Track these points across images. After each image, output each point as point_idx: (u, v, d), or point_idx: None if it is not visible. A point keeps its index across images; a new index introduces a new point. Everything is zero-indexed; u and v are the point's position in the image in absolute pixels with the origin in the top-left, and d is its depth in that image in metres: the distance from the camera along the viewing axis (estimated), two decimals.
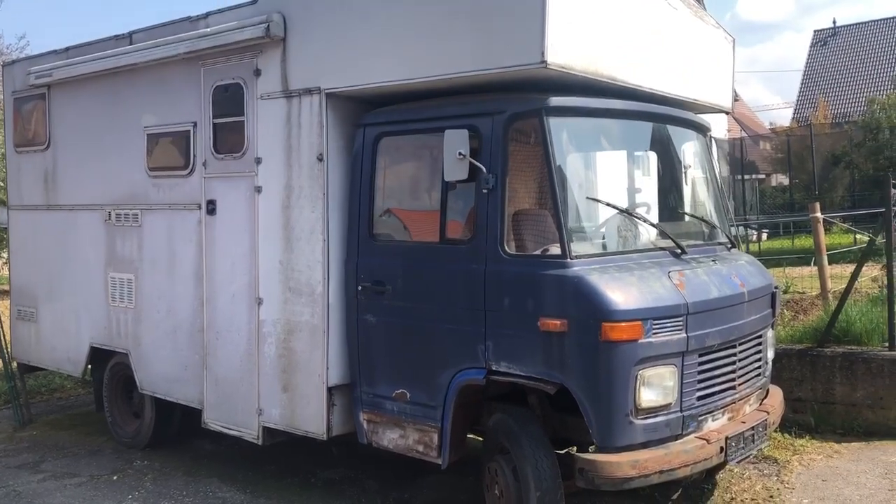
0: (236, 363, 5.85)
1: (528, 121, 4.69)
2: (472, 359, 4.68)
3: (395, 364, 5.12)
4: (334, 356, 5.31)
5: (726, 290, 4.81)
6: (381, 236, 5.26)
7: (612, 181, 5.27)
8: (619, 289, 4.32)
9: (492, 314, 4.60)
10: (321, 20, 5.36)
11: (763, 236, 21.79)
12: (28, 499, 5.92)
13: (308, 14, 5.42)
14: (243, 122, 5.76)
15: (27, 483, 6.25)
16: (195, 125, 6.11)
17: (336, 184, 5.33)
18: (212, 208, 6.00)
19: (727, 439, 4.58)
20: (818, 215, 9.19)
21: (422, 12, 4.93)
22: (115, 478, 6.30)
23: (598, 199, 4.85)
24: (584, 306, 4.28)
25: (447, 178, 4.63)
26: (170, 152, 6.39)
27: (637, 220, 5.02)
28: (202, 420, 6.13)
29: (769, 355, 5.43)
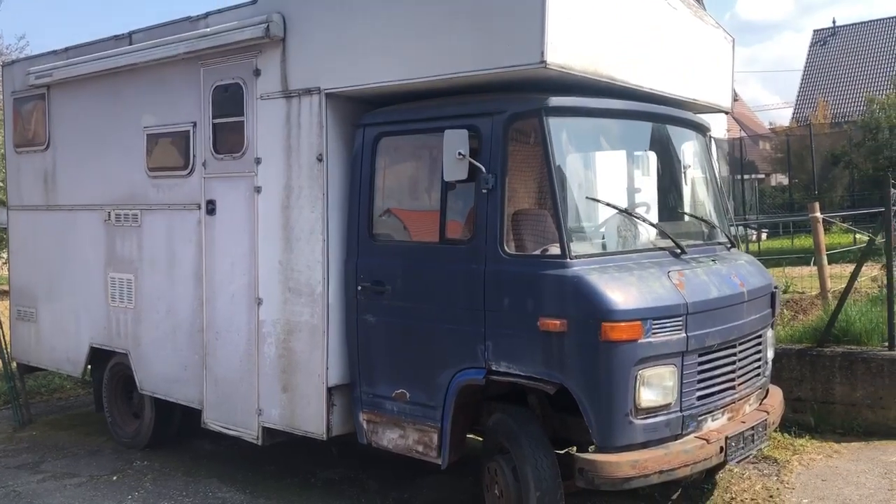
0: (236, 363, 5.85)
1: (527, 121, 4.69)
2: (471, 359, 4.68)
3: (395, 364, 5.12)
4: (334, 356, 5.31)
5: (726, 289, 4.81)
6: (380, 236, 5.26)
7: (611, 181, 5.26)
8: (618, 289, 4.32)
9: (491, 314, 4.59)
10: (321, 20, 5.36)
11: (763, 236, 21.77)
12: (28, 499, 5.92)
13: (308, 14, 5.42)
14: (243, 122, 5.76)
15: (27, 483, 6.25)
16: (195, 125, 6.11)
17: (336, 184, 5.33)
18: (211, 208, 6.00)
19: (727, 439, 4.58)
20: (818, 215, 9.18)
21: (421, 12, 4.93)
22: (114, 478, 6.30)
23: (597, 199, 4.85)
24: (583, 306, 4.28)
25: (447, 178, 4.63)
26: (169, 152, 6.39)
27: (637, 220, 5.02)
28: (202, 420, 6.13)
29: (769, 355, 5.43)
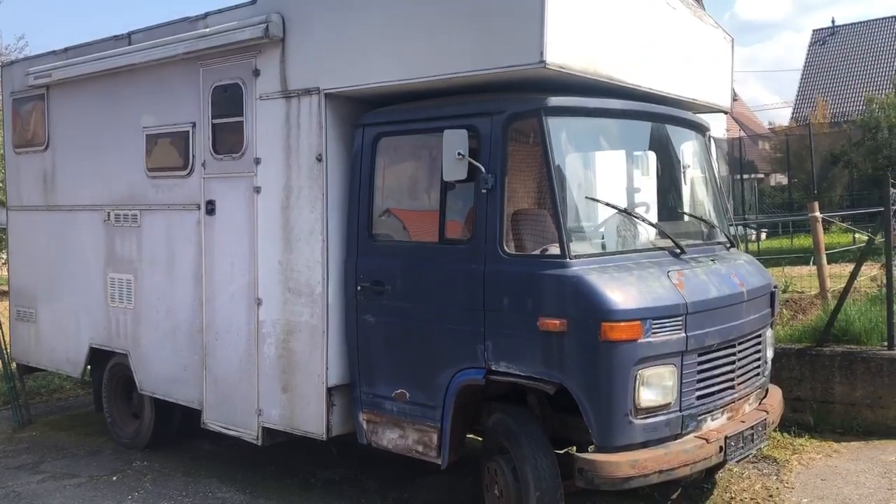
0: (236, 363, 5.85)
1: (527, 121, 4.69)
2: (471, 359, 4.68)
3: (395, 364, 5.12)
4: (334, 356, 5.31)
5: (725, 289, 4.81)
6: (380, 236, 5.26)
7: (611, 181, 5.26)
8: (618, 288, 4.32)
9: (491, 314, 4.59)
10: (320, 20, 5.36)
11: (762, 236, 21.79)
12: (27, 499, 5.92)
13: (307, 14, 5.42)
14: (242, 122, 5.75)
15: (26, 484, 6.24)
16: (194, 125, 6.11)
17: (335, 184, 5.32)
18: (211, 209, 6.00)
19: (726, 439, 4.58)
20: (817, 215, 9.17)
21: (421, 12, 4.93)
22: (114, 478, 6.30)
23: (597, 199, 4.85)
24: (583, 306, 4.28)
25: (446, 178, 4.63)
26: (169, 153, 6.39)
27: (636, 220, 5.02)
28: (202, 420, 6.13)
29: (768, 355, 5.43)
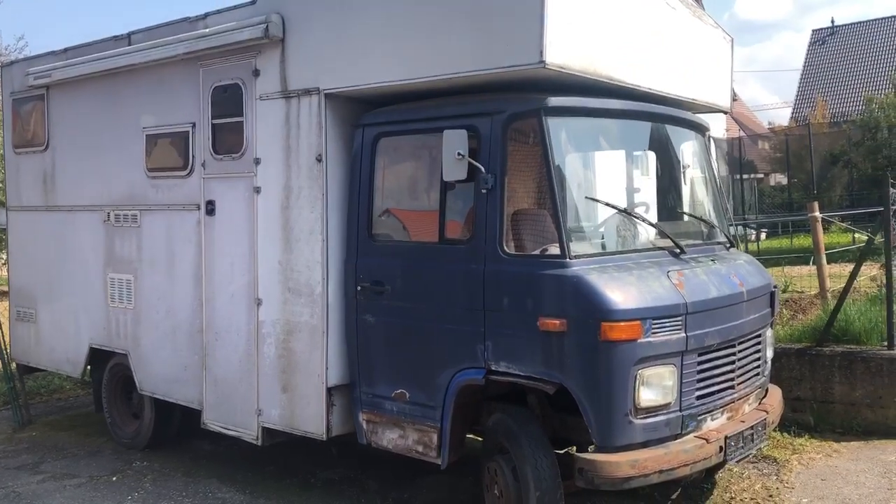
0: (235, 364, 5.85)
1: (526, 121, 4.69)
2: (471, 359, 4.68)
3: (395, 364, 5.12)
4: (334, 356, 5.31)
5: (725, 289, 4.81)
6: (380, 236, 5.26)
7: (610, 181, 5.26)
8: (618, 288, 4.32)
9: (491, 314, 4.59)
10: (320, 20, 5.36)
11: (762, 236, 21.78)
12: (27, 500, 5.92)
13: (307, 14, 5.42)
14: (242, 122, 5.75)
15: (26, 484, 6.24)
16: (194, 126, 6.11)
17: (335, 184, 5.32)
18: (211, 209, 6.00)
19: (726, 439, 4.58)
20: (817, 214, 9.17)
21: (420, 12, 4.93)
22: (114, 479, 6.30)
23: (597, 199, 4.85)
24: (583, 306, 4.29)
25: (446, 178, 4.63)
26: (169, 153, 6.39)
27: (636, 220, 5.02)
28: (201, 421, 6.13)
29: (768, 354, 5.43)
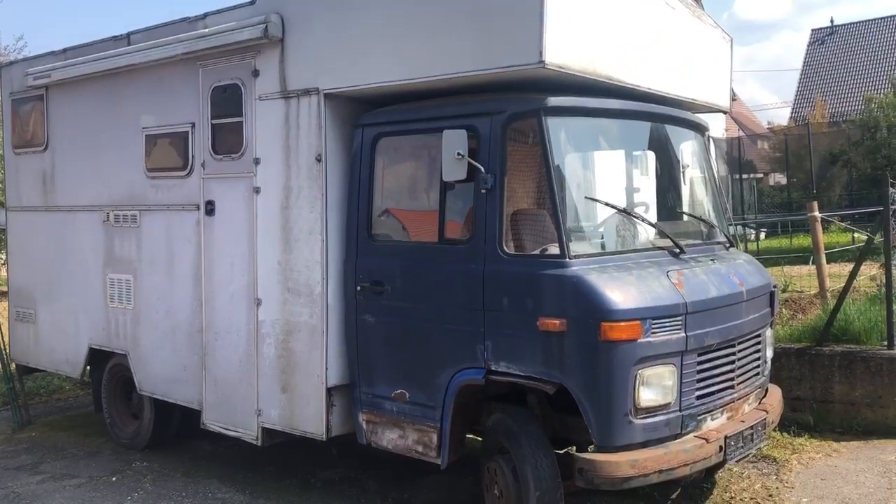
0: (235, 364, 5.85)
1: (526, 121, 4.69)
2: (471, 359, 4.68)
3: (394, 364, 5.12)
4: (333, 356, 5.31)
5: (725, 289, 4.81)
6: (379, 236, 5.26)
7: (610, 181, 5.26)
8: (617, 288, 4.32)
9: (491, 314, 4.59)
10: (319, 20, 5.35)
11: (761, 235, 21.79)
12: (27, 500, 5.92)
13: (306, 14, 5.42)
14: (242, 122, 5.75)
15: (26, 484, 6.24)
16: (193, 126, 6.11)
17: (335, 184, 5.32)
18: (210, 209, 6.00)
19: (726, 438, 4.58)
20: (816, 214, 9.17)
21: (420, 12, 4.93)
22: (114, 479, 6.29)
23: (596, 199, 4.85)
24: (583, 306, 4.28)
25: (446, 178, 4.63)
26: (168, 153, 6.39)
27: (636, 220, 5.02)
28: (201, 421, 6.13)
29: (768, 354, 5.44)
